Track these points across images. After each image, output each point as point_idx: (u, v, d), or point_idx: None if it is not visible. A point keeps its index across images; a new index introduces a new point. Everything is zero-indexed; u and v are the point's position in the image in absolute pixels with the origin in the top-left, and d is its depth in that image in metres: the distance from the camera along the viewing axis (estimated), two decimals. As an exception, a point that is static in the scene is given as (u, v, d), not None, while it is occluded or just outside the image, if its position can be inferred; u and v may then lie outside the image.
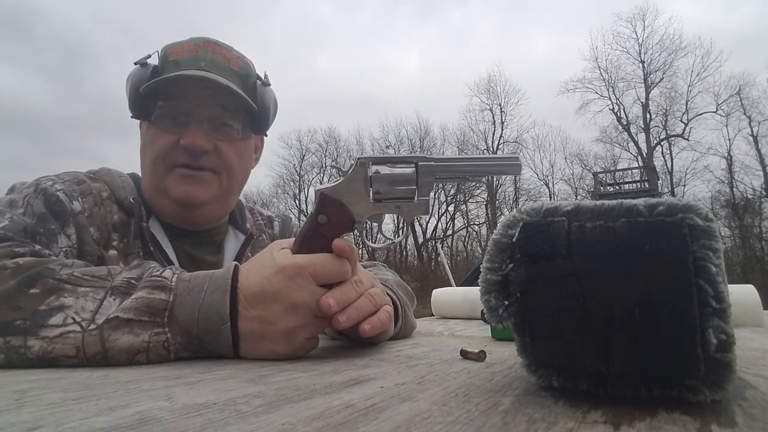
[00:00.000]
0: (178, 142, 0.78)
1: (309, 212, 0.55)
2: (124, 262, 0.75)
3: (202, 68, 0.78)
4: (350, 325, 0.53)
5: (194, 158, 0.79)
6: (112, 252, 0.76)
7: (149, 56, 0.81)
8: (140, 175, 0.88)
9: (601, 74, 22.82)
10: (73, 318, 0.48)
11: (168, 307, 0.51)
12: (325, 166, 23.80)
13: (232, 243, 0.91)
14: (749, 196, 19.45)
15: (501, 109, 24.03)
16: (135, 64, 0.80)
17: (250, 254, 0.90)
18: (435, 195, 22.95)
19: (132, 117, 0.85)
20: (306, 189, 23.66)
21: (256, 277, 0.52)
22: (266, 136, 0.94)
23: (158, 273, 0.53)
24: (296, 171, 24.01)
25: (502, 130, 23.82)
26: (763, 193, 19.05)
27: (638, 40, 22.26)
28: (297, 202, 23.40)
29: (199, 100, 0.79)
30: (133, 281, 0.52)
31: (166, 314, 0.50)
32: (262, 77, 0.88)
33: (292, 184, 24.05)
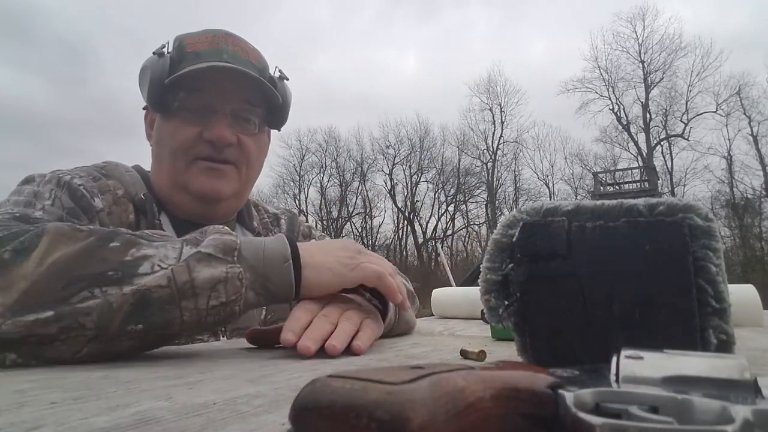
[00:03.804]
0: (200, 134, 0.76)
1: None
2: None
3: (225, 60, 0.75)
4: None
5: (218, 151, 0.76)
6: None
7: (164, 46, 0.78)
8: (149, 168, 0.84)
9: (601, 74, 22.86)
10: (159, 265, 0.48)
11: (237, 247, 0.52)
12: (325, 166, 23.80)
13: None
14: (749, 196, 19.47)
15: (501, 109, 24.09)
16: (153, 54, 0.76)
17: None
18: (435, 195, 23.06)
19: (149, 109, 0.82)
20: (306, 189, 23.73)
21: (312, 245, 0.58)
22: (279, 130, 0.90)
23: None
24: (296, 171, 24.05)
25: (502, 130, 23.89)
26: (763, 193, 19.06)
27: (638, 40, 22.30)
28: (297, 202, 23.41)
29: (223, 93, 0.76)
30: (198, 236, 0.53)
31: (236, 253, 0.52)
32: (278, 71, 0.85)
33: (292, 184, 24.08)
